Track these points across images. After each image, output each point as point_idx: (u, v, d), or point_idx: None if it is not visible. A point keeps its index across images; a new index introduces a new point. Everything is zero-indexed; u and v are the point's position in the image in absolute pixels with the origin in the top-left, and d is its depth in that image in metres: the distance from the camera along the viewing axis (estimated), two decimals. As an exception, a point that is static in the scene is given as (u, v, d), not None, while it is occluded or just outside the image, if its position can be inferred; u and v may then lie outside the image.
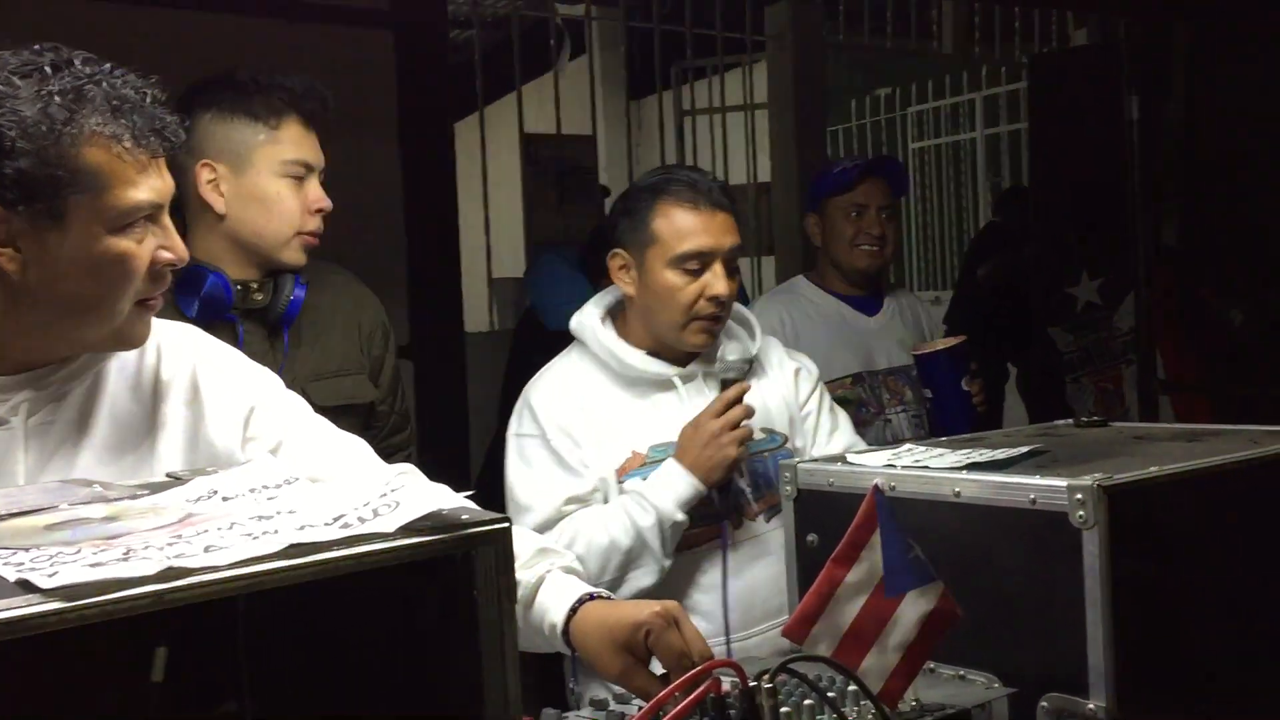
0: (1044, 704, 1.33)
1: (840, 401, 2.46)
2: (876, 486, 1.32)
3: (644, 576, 1.98)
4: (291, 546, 0.83)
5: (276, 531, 0.87)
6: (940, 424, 2.64)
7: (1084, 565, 1.29)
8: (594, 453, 2.05)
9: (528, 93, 5.08)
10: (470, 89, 4.93)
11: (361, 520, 0.89)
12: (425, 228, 4.21)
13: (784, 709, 1.21)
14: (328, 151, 3.71)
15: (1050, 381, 4.74)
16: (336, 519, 0.90)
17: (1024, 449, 1.56)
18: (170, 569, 0.79)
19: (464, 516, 0.89)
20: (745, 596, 2.07)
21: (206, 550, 0.83)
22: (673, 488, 1.98)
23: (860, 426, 2.60)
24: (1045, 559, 1.34)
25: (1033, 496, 1.35)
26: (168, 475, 1.21)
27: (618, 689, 1.45)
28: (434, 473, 1.36)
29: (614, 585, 1.97)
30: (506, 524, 0.88)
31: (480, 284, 4.76)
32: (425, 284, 4.22)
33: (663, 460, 2.04)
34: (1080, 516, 1.29)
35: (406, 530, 0.87)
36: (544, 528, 1.99)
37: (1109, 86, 4.34)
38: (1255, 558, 1.54)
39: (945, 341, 2.74)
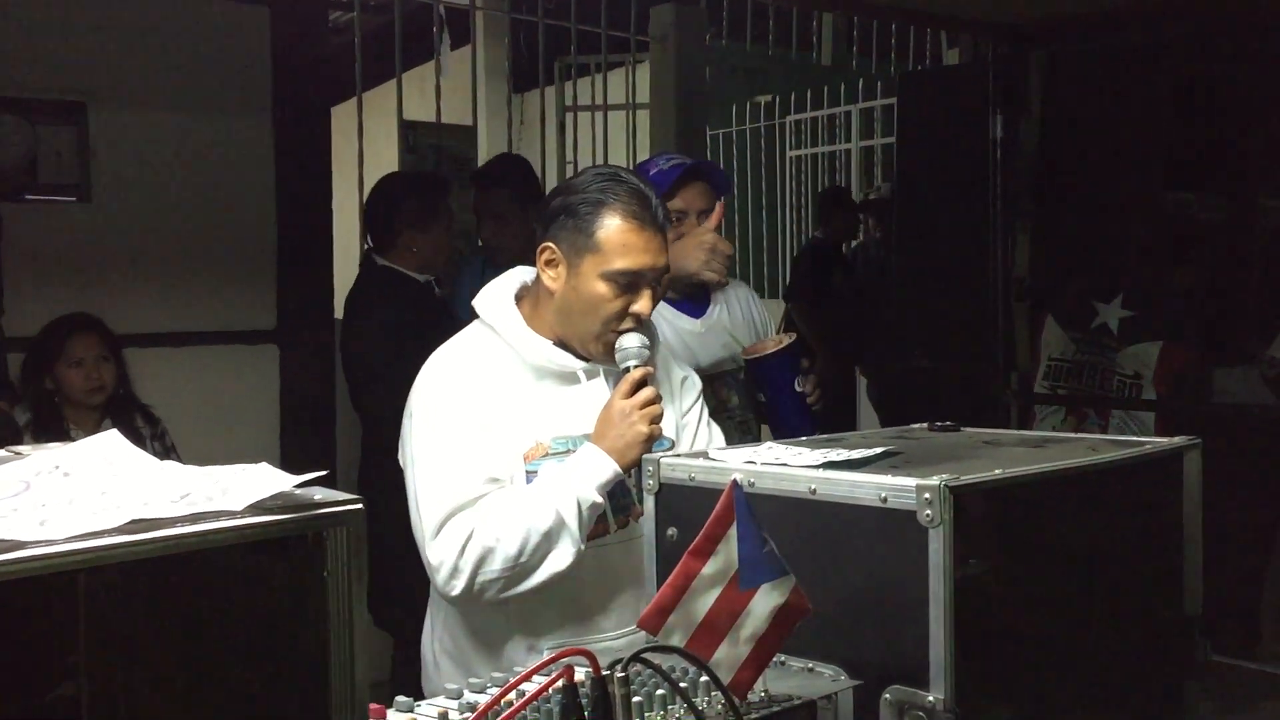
0: (887, 696, 1.37)
1: None
2: (735, 481, 1.34)
3: (560, 558, 1.96)
4: (133, 522, 0.81)
5: (118, 507, 0.85)
6: (777, 426, 2.62)
7: (929, 562, 1.33)
8: (501, 435, 2.02)
9: (409, 80, 5.02)
10: (350, 73, 4.85)
11: (209, 499, 0.87)
12: (297, 211, 4.13)
13: (635, 698, 1.22)
14: (196, 128, 3.64)
15: (903, 394, 4.85)
16: (183, 496, 0.88)
17: (879, 450, 1.61)
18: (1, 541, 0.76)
19: (315, 497, 0.88)
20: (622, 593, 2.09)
21: (41, 524, 0.80)
22: (590, 470, 1.97)
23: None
24: (894, 556, 1.38)
25: (884, 495, 1.39)
26: (8, 450, 1.16)
27: (473, 679, 1.44)
28: (298, 455, 1.35)
29: (528, 570, 1.95)
30: (358, 505, 0.87)
31: (352, 269, 4.67)
32: (295, 268, 4.14)
33: (565, 453, 2.03)
34: (927, 515, 1.34)
35: (255, 509, 0.85)
36: (464, 508, 1.96)
37: (974, 106, 4.48)
38: (1092, 558, 1.62)
39: (775, 342, 2.69)
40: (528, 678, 1.19)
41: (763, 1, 5.67)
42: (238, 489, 0.88)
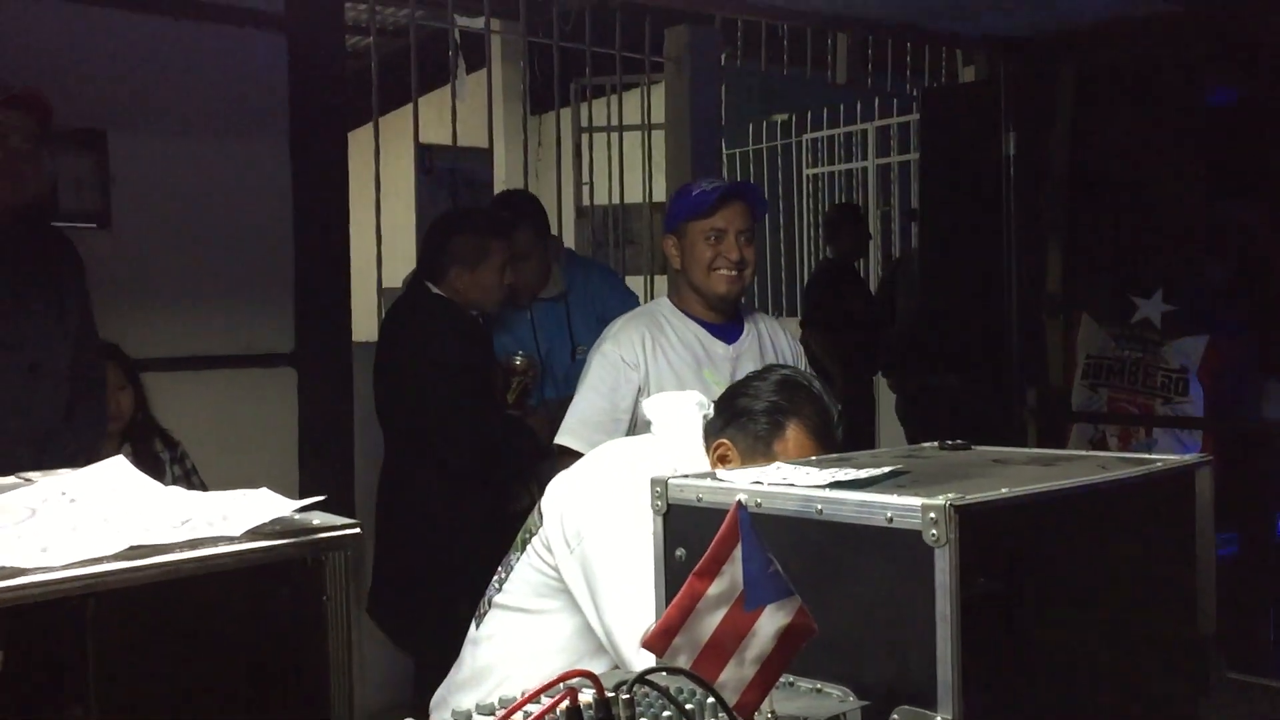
0: (895, 717, 1.36)
1: None
2: (740, 502, 1.34)
3: None
4: (132, 548, 0.82)
5: (120, 533, 0.86)
6: None
7: (935, 582, 1.33)
8: None
9: (425, 104, 5.06)
10: (367, 98, 4.89)
11: (209, 524, 0.88)
12: (315, 235, 4.17)
13: (641, 720, 1.22)
14: (214, 154, 3.67)
15: (929, 410, 4.82)
16: (184, 522, 0.89)
17: (887, 469, 1.61)
18: (1, 568, 0.77)
19: (314, 521, 0.89)
20: None
21: (43, 551, 0.81)
22: None
23: None
24: (901, 576, 1.38)
25: (890, 515, 1.39)
26: (18, 476, 1.18)
27: (481, 703, 1.45)
28: (317, 477, 1.35)
29: None
30: (356, 530, 0.88)
31: (370, 293, 4.71)
32: (313, 291, 4.17)
33: None
34: (933, 535, 1.33)
35: (254, 534, 0.86)
36: None
37: (992, 122, 4.49)
38: (1103, 576, 1.61)
39: None
40: (533, 699, 1.19)
41: (777, 21, 5.69)
42: (238, 514, 0.89)
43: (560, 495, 2.13)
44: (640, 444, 2.21)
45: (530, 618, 2.14)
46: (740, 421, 2.07)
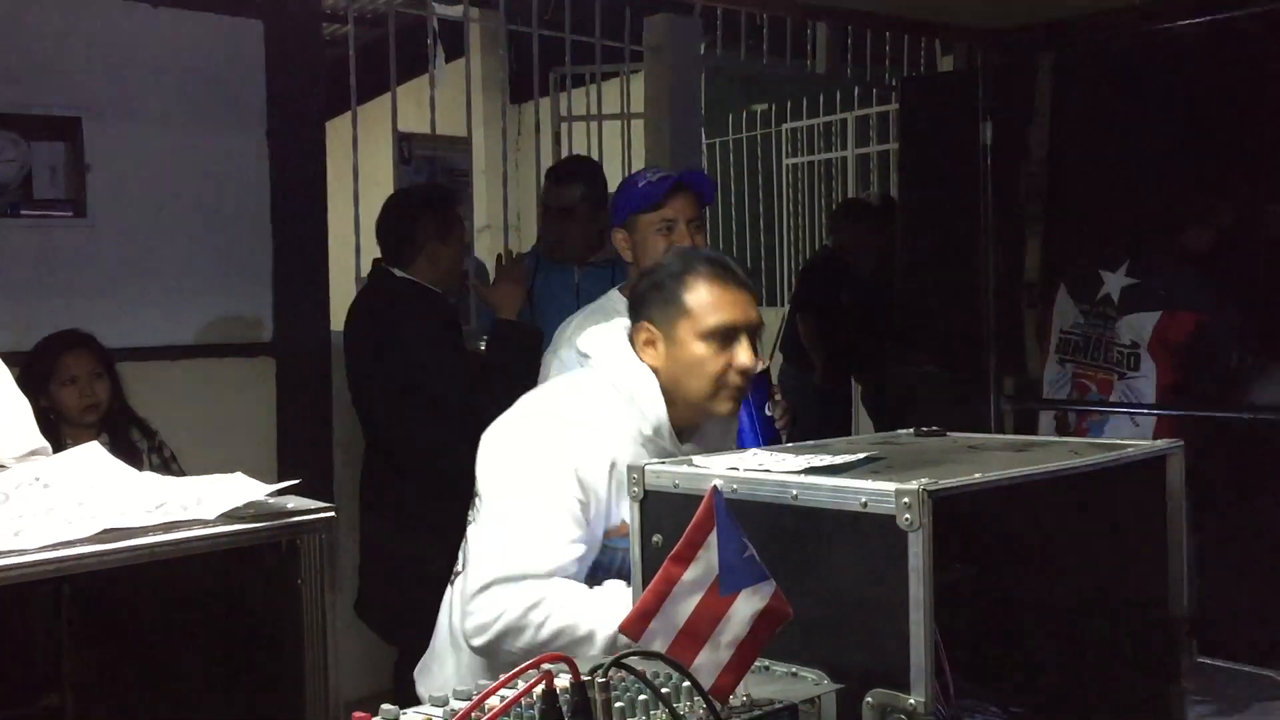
0: (869, 699, 1.38)
1: None
2: (715, 487, 1.35)
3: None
4: (106, 531, 0.82)
5: (94, 517, 0.86)
6: (743, 447, 2.66)
7: (909, 566, 1.34)
8: (596, 506, 2.06)
9: (404, 93, 5.04)
10: (344, 86, 4.87)
11: (184, 508, 0.88)
12: (292, 224, 4.15)
13: (617, 704, 1.23)
14: (191, 143, 3.64)
15: (899, 400, 4.83)
16: (158, 506, 0.89)
17: (862, 455, 1.62)
18: (-27, 552, 0.77)
19: (289, 505, 0.89)
20: None
21: (16, 534, 0.81)
22: None
23: None
24: (875, 560, 1.39)
25: (864, 500, 1.40)
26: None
27: (458, 688, 1.45)
28: (295, 465, 1.36)
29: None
30: (331, 513, 0.89)
31: (348, 283, 4.69)
32: (291, 281, 4.16)
33: None
34: (907, 519, 1.35)
35: (229, 517, 0.86)
36: (518, 579, 1.98)
37: (970, 112, 4.50)
38: (1075, 560, 1.62)
39: None
40: (507, 683, 1.19)
41: (756, 11, 5.69)
42: (212, 498, 0.89)
43: (482, 446, 2.18)
44: (572, 380, 2.24)
45: None
46: (649, 300, 2.16)
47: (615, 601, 1.98)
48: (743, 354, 2.11)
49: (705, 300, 2.11)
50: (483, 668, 2.08)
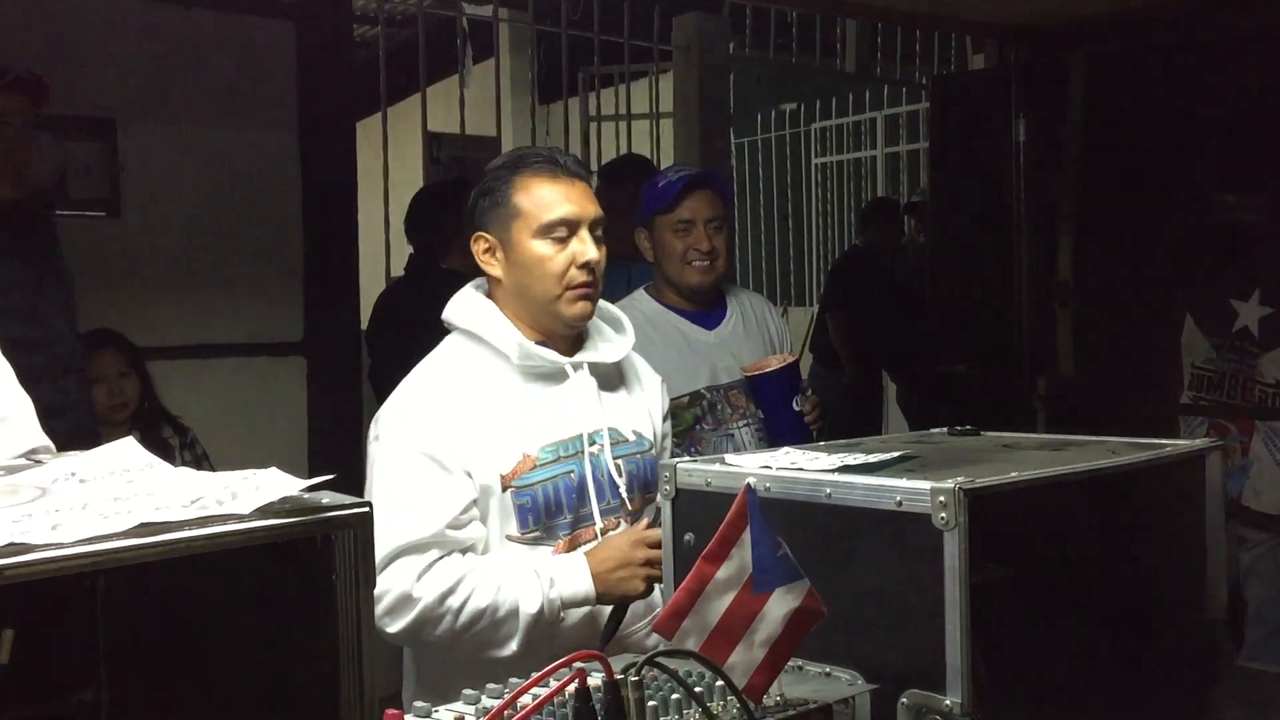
0: (904, 700, 1.36)
1: (675, 418, 2.52)
2: (749, 486, 1.34)
3: (499, 651, 1.94)
4: (141, 526, 0.82)
5: (130, 512, 0.86)
6: (774, 442, 2.61)
7: (944, 566, 1.33)
8: (480, 458, 1.98)
9: (434, 93, 5.06)
10: (375, 87, 4.89)
11: (219, 503, 0.88)
12: (323, 224, 4.17)
13: (650, 703, 1.22)
14: (223, 143, 3.66)
15: (933, 398, 4.78)
16: (194, 501, 0.89)
17: (896, 454, 1.60)
18: (10, 545, 0.77)
19: (323, 500, 0.89)
20: None
21: (54, 529, 0.82)
22: (571, 586, 1.96)
23: (697, 443, 2.66)
24: (909, 560, 1.38)
25: (898, 499, 1.39)
26: (28, 458, 1.19)
27: (491, 685, 1.45)
28: (326, 465, 1.35)
29: (464, 645, 1.94)
30: (366, 508, 0.88)
31: (378, 282, 4.71)
32: (322, 280, 4.18)
33: (554, 460, 2.03)
34: (942, 518, 1.33)
35: (263, 512, 0.86)
36: (419, 549, 1.92)
37: (1002, 110, 4.47)
38: (1109, 561, 1.60)
39: (779, 360, 2.74)
40: (541, 680, 1.19)
41: (785, 9, 5.67)
42: (247, 493, 0.89)
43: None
44: (431, 356, 2.15)
45: None
46: (480, 207, 2.09)
47: (534, 574, 1.95)
48: (584, 247, 2.03)
49: (537, 197, 2.03)
50: (441, 671, 2.04)
